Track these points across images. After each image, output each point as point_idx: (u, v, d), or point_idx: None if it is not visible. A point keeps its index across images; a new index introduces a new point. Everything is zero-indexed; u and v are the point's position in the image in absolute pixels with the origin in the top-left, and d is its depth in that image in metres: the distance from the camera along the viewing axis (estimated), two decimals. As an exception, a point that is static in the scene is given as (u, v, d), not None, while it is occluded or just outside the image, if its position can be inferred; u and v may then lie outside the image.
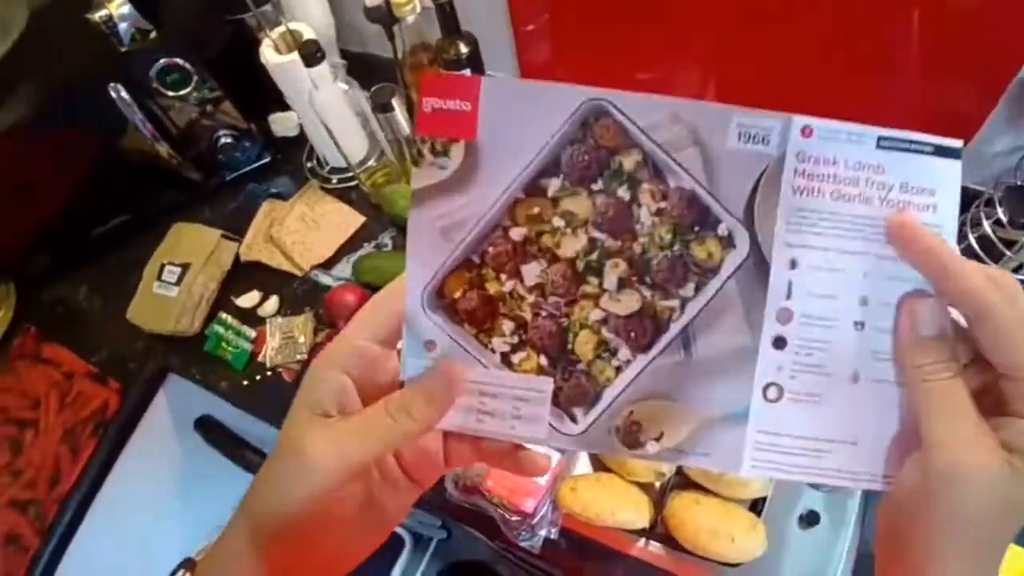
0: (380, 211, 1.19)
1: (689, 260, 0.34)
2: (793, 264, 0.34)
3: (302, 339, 1.09)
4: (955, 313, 0.32)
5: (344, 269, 1.17)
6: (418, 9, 1.08)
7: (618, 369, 0.36)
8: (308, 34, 1.07)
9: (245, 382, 1.09)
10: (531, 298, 0.36)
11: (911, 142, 0.33)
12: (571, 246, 0.35)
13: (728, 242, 0.34)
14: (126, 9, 1.02)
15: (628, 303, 0.35)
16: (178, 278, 1.12)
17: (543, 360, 0.36)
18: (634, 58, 1.13)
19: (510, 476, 0.87)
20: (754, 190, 0.34)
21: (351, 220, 1.20)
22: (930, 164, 0.33)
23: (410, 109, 1.18)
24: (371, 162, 1.17)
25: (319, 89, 1.04)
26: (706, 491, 0.87)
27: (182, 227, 1.19)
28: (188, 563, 0.39)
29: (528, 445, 0.38)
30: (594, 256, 0.35)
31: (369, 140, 1.16)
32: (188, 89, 1.12)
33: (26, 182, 1.11)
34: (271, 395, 1.07)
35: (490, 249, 0.36)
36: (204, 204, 1.27)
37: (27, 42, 0.95)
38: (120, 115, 1.06)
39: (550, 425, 0.36)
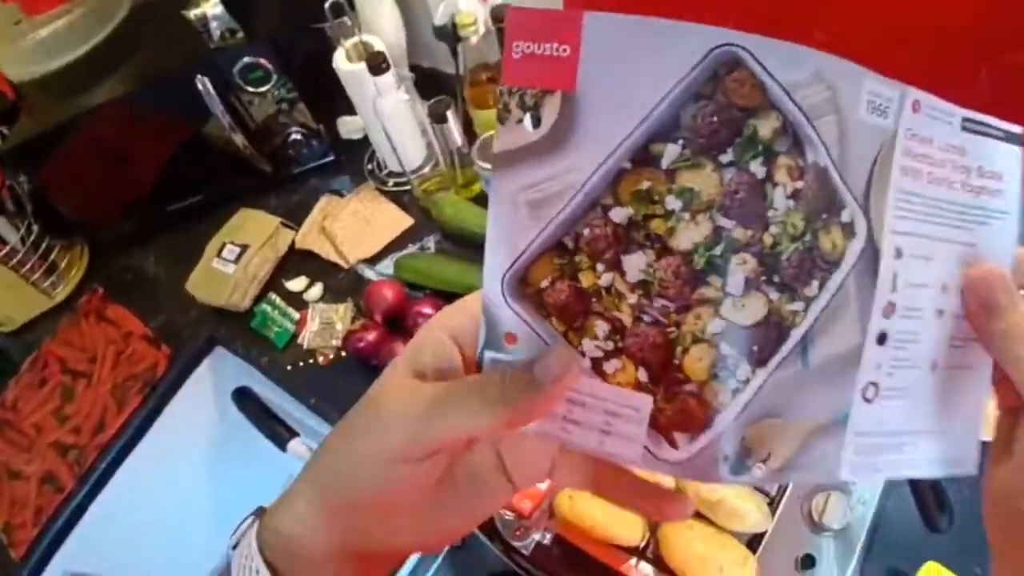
0: (429, 216, 1.26)
1: (816, 253, 0.28)
2: (899, 253, 0.30)
3: (339, 326, 1.16)
4: None
5: (387, 266, 1.23)
6: (481, 31, 1.16)
7: (736, 391, 0.28)
8: (379, 46, 1.15)
9: (283, 361, 1.16)
10: (632, 297, 0.29)
11: (988, 126, 0.32)
12: (689, 235, 0.28)
13: (850, 231, 0.29)
14: (219, 10, 1.13)
15: (753, 310, 0.28)
16: (236, 257, 1.21)
17: (642, 375, 0.29)
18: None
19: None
20: (872, 170, 0.29)
21: (400, 221, 1.27)
22: (999, 149, 0.32)
23: (466, 124, 1.25)
24: (426, 170, 1.24)
25: (382, 96, 1.12)
26: (702, 517, 0.88)
27: (247, 212, 1.29)
28: (259, 511, 0.36)
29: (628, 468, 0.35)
30: (718, 250, 0.27)
31: (427, 149, 1.23)
32: (267, 87, 1.22)
33: (120, 156, 1.24)
34: (306, 376, 1.14)
35: (586, 232, 0.29)
36: (270, 193, 1.37)
37: (128, 29, 1.06)
38: (205, 105, 1.17)
39: (645, 448, 0.30)
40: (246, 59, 1.17)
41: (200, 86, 1.14)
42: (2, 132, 1.24)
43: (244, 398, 1.24)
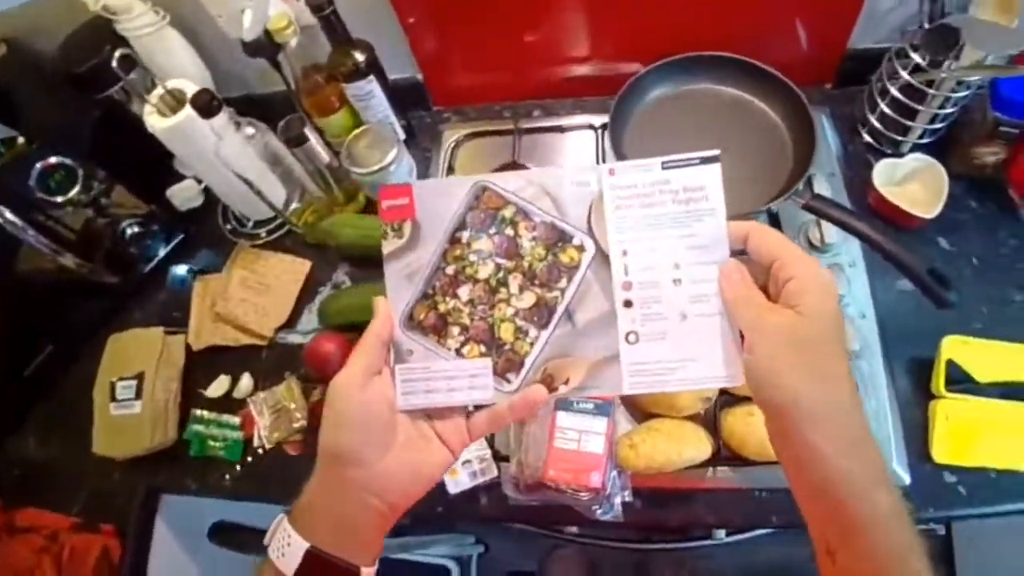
0: (324, 248, 1.12)
1: (559, 264, 0.51)
2: (624, 252, 0.50)
3: (293, 405, 1.01)
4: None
5: (310, 320, 1.09)
6: (298, 30, 1.01)
7: (532, 344, 0.51)
8: (190, 89, 0.97)
9: (248, 472, 1.00)
10: (467, 310, 0.52)
11: (683, 160, 0.49)
12: (484, 271, 0.52)
13: (581, 248, 0.51)
14: (-19, 122, 0.91)
15: (528, 299, 0.52)
16: (135, 392, 1.02)
17: (482, 348, 0.52)
18: (517, 24, 1.12)
19: (567, 460, 0.84)
20: (589, 212, 0.51)
21: (298, 268, 1.12)
22: (699, 170, 0.49)
23: (322, 135, 1.11)
24: (295, 203, 1.09)
25: (224, 140, 0.96)
26: (751, 400, 0.87)
27: (119, 337, 1.08)
28: (287, 511, 0.50)
29: (482, 404, 0.53)
30: (500, 275, 0.52)
31: (283, 181, 1.07)
32: (75, 188, 1.01)
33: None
34: (279, 474, 0.98)
35: (436, 283, 0.52)
36: (132, 304, 1.16)
37: None
38: (9, 237, 0.94)
39: (495, 388, 0.52)
40: (38, 165, 0.96)
41: (-3, 220, 0.91)
42: None
43: (223, 533, 1.06)
